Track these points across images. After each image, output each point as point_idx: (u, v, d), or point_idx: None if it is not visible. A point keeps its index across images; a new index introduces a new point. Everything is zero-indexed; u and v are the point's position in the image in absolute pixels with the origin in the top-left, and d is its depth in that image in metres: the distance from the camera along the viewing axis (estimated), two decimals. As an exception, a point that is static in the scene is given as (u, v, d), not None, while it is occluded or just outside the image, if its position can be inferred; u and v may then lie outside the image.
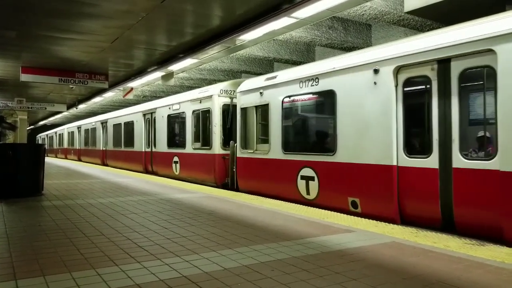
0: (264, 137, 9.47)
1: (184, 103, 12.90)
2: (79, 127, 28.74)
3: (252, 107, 9.65)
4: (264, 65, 14.57)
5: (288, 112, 8.70)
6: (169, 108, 13.91)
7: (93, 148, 24.55)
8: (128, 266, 3.65)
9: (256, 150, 9.56)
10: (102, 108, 27.64)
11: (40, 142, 49.80)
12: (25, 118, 27.59)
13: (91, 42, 9.65)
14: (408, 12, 8.62)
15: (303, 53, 12.76)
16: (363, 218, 6.24)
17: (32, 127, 45.06)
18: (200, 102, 11.80)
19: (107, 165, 21.67)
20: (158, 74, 12.85)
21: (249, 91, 9.80)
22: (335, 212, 6.84)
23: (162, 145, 14.62)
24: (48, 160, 27.69)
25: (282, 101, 8.63)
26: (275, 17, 7.29)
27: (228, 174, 10.99)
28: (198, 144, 12.16)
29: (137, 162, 17.19)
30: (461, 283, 3.23)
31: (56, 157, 37.37)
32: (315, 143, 8.32)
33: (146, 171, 16.21)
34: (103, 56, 11.12)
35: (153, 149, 15.45)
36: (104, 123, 22.22)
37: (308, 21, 7.91)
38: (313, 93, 8.05)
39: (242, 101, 10.04)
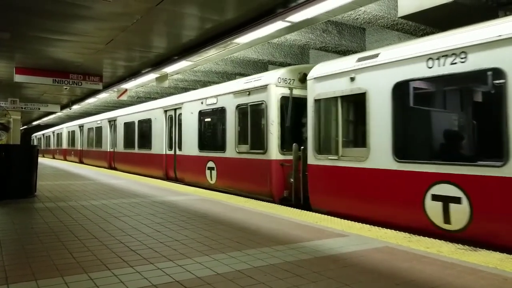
0: (354, 139, 7.48)
1: (224, 96, 10.65)
2: (81, 126, 26.21)
3: (334, 98, 7.34)
4: (259, 68, 14.60)
5: (403, 102, 6.38)
6: (202, 103, 11.72)
7: (98, 149, 21.95)
8: (120, 271, 3.63)
9: (341, 156, 7.21)
10: (96, 108, 27.51)
11: (35, 142, 47.34)
12: (19, 119, 27.39)
13: (85, 43, 9.61)
14: (402, 17, 8.68)
15: (297, 56, 12.80)
16: (356, 223, 6.25)
17: (25, 127, 44.60)
18: (249, 94, 9.63)
19: (115, 169, 19.39)
20: (152, 75, 12.82)
21: (329, 77, 7.46)
22: (328, 216, 6.84)
23: (190, 147, 12.29)
24: (45, 161, 27.01)
25: (394, 87, 6.27)
26: (269, 21, 7.30)
27: (289, 186, 8.78)
28: (245, 147, 9.86)
29: (155, 166, 14.67)
30: (453, 289, 3.25)
31: (54, 158, 35.55)
32: (459, 148, 5.80)
33: (167, 178, 13.86)
34: (98, 57, 11.08)
35: (177, 152, 13.19)
36: (112, 121, 19.86)
37: (303, 25, 7.94)
38: (453, 75, 5.51)
39: (317, 91, 7.71)
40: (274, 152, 8.91)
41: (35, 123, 40.73)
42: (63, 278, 3.42)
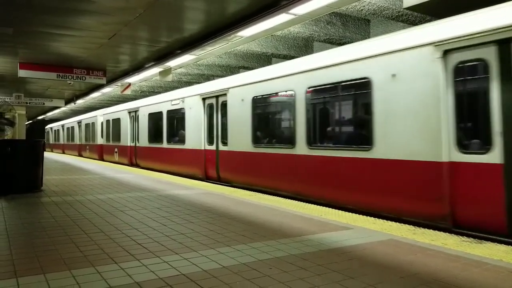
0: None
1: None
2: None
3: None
4: (262, 61, 14.54)
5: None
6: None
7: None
8: (127, 264, 3.67)
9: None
10: (100, 103, 27.56)
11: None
12: (24, 113, 27.51)
13: (89, 38, 9.61)
14: (407, 8, 8.60)
15: (301, 48, 12.73)
16: (361, 215, 6.26)
17: (30, 121, 44.72)
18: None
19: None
20: (155, 70, 12.81)
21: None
22: (332, 209, 6.86)
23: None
24: (58, 158, 24.95)
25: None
26: (273, 14, 7.27)
27: None
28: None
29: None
30: (458, 282, 3.26)
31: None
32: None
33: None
34: (101, 52, 11.08)
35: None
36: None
37: (307, 17, 7.89)
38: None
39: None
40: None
41: (49, 114, 36.59)
42: (71, 271, 3.46)
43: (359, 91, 7.09)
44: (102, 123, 22.90)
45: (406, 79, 6.11)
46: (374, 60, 6.67)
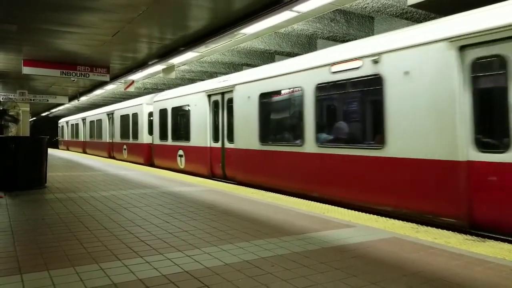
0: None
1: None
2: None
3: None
4: (266, 58, 14.52)
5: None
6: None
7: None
8: (130, 261, 3.69)
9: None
10: (104, 100, 27.62)
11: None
12: (28, 110, 27.61)
13: (92, 35, 9.62)
14: (411, 5, 8.56)
15: (305, 46, 12.70)
16: (363, 213, 6.26)
17: (34, 118, 44.72)
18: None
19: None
20: (159, 67, 12.81)
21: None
22: (335, 207, 6.86)
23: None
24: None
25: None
26: (277, 11, 7.24)
27: None
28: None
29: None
30: (461, 280, 3.25)
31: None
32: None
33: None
34: (104, 49, 11.10)
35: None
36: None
37: (310, 15, 7.87)
38: None
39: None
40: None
41: (61, 107, 32.77)
42: (75, 268, 3.48)
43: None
44: (151, 114, 17.10)
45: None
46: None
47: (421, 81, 6.09)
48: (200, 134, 12.32)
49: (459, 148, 5.56)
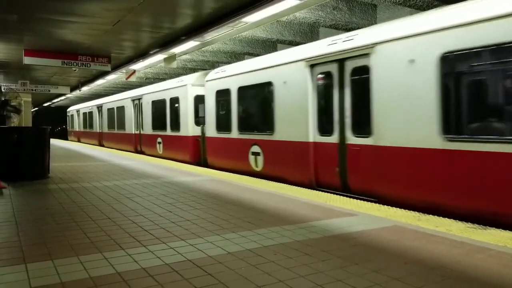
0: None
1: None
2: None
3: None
4: (267, 47, 14.42)
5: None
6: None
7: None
8: (134, 250, 3.72)
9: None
10: (106, 90, 27.59)
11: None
12: (29, 101, 27.62)
13: (93, 25, 9.57)
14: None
15: (307, 34, 12.60)
16: (365, 202, 6.27)
17: (36, 109, 44.72)
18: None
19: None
20: (160, 56, 12.75)
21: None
22: (338, 196, 6.88)
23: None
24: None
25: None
26: (278, -1, 7.18)
27: None
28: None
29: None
30: (463, 268, 3.27)
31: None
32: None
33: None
34: (105, 39, 11.04)
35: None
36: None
37: (312, 3, 7.79)
38: None
39: None
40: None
41: (62, 98, 30.85)
42: (79, 257, 3.52)
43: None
44: (199, 98, 13.57)
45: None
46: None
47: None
48: (293, 123, 8.62)
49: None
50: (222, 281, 2.99)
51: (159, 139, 16.06)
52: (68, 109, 36.71)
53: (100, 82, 20.38)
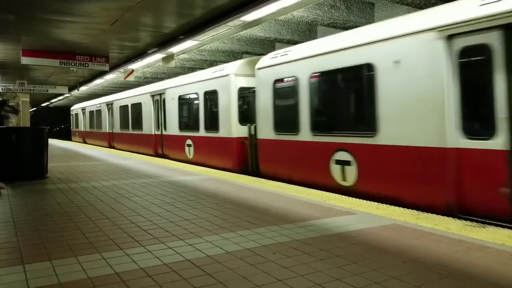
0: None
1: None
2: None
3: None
4: (266, 46, 14.42)
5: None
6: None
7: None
8: (132, 250, 3.71)
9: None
10: (104, 89, 27.54)
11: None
12: (27, 101, 27.54)
13: (91, 24, 9.55)
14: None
15: (305, 33, 12.60)
16: (364, 200, 6.27)
17: (34, 108, 44.60)
18: None
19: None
20: (158, 56, 12.74)
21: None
22: (337, 194, 6.87)
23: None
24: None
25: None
26: (276, -2, 7.17)
27: None
28: None
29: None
30: (461, 266, 3.27)
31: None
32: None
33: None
34: (103, 38, 11.03)
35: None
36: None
37: (310, 1, 7.79)
38: None
39: None
40: None
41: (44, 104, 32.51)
42: (77, 257, 3.51)
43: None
44: (243, 91, 11.23)
45: None
46: None
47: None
48: (413, 120, 6.11)
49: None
50: (221, 281, 2.99)
51: (188, 141, 13.29)
52: (72, 107, 33.53)
53: (98, 81, 20.34)
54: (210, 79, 12.15)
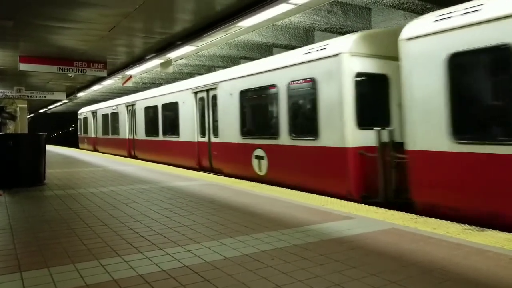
0: None
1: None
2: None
3: None
4: (263, 51, 14.47)
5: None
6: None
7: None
8: (130, 257, 3.69)
9: None
10: (102, 95, 27.54)
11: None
12: (25, 107, 27.50)
13: (89, 30, 9.56)
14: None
15: (302, 38, 12.65)
16: (362, 205, 6.27)
17: (32, 115, 44.53)
18: None
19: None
20: (156, 61, 12.76)
21: None
22: (335, 199, 6.86)
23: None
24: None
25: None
26: (273, 4, 7.19)
27: None
28: None
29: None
30: (461, 270, 3.27)
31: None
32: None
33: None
34: (101, 44, 11.04)
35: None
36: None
37: (307, 7, 7.82)
38: None
39: None
40: None
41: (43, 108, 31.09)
42: (75, 265, 3.49)
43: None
44: (364, 77, 7.59)
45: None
46: None
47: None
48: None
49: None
50: (219, 287, 2.97)
51: (258, 152, 9.83)
52: (80, 111, 29.12)
53: (96, 87, 20.34)
54: (300, 63, 8.48)
